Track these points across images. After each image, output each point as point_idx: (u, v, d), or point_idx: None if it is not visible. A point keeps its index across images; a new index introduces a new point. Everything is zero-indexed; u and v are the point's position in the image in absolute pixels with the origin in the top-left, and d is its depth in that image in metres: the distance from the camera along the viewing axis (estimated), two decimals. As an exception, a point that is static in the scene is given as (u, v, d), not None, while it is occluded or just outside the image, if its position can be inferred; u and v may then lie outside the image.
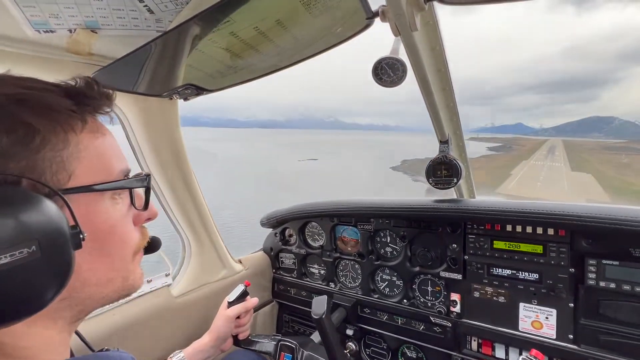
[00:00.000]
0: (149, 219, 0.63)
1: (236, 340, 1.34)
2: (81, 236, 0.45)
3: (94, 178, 0.51)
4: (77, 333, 0.69)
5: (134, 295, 1.33)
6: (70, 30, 0.81)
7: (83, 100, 0.52)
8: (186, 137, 1.38)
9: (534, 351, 0.97)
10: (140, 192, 0.61)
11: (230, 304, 1.31)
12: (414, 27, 0.75)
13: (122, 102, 1.15)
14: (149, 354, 1.32)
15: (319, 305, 1.17)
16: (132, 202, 0.58)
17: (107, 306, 1.24)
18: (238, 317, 1.31)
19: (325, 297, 1.21)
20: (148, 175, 0.60)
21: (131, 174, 0.59)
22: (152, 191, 0.63)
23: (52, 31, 0.79)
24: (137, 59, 0.85)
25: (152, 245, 0.67)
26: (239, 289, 1.35)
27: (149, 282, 1.41)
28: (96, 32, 0.83)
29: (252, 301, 1.35)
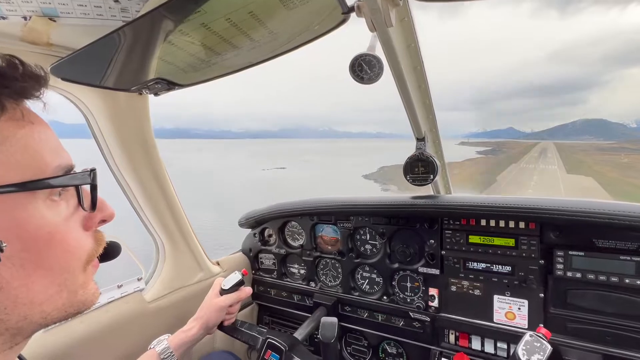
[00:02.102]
0: (103, 221, 0.55)
1: (221, 326, 1.28)
2: None
3: (18, 175, 0.42)
4: (21, 358, 0.60)
5: (103, 301, 1.27)
6: (24, 18, 0.75)
7: (0, 82, 0.44)
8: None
9: (542, 329, 0.95)
10: (89, 190, 0.53)
11: (225, 291, 1.25)
12: (389, 22, 0.75)
13: (87, 97, 1.09)
14: (120, 363, 1.26)
15: (329, 329, 1.12)
16: (80, 203, 0.50)
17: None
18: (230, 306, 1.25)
19: (335, 319, 1.16)
20: (92, 170, 0.52)
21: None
22: (124, 192, 0.56)
23: (3, 17, 0.73)
24: (102, 50, 0.80)
25: (109, 252, 0.58)
26: (236, 277, 1.27)
27: (119, 287, 1.34)
28: (54, 21, 0.77)
29: (245, 291, 1.29)
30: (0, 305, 0.41)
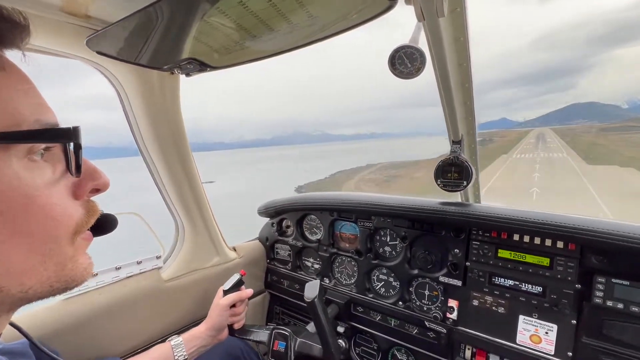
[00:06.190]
0: (97, 190, 0.49)
1: (231, 330, 1.32)
2: None
3: None
4: (13, 324, 0.58)
5: (123, 275, 1.29)
6: (65, -13, 0.75)
7: None
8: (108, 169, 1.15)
9: None
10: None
11: (225, 292, 1.28)
12: (440, 12, 0.68)
13: (120, 71, 1.09)
14: (134, 337, 1.28)
15: (311, 289, 1.18)
16: (68, 167, 0.45)
17: (93, 284, 1.21)
18: (233, 306, 1.28)
19: (317, 281, 1.22)
20: (75, 127, 0.45)
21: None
22: (149, 170, 0.52)
23: (45, -14, 0.72)
24: (137, 26, 0.78)
25: (103, 224, 0.53)
26: (235, 277, 1.33)
27: (139, 263, 1.36)
28: (94, -8, 0.76)
29: (246, 292, 1.32)
30: None
